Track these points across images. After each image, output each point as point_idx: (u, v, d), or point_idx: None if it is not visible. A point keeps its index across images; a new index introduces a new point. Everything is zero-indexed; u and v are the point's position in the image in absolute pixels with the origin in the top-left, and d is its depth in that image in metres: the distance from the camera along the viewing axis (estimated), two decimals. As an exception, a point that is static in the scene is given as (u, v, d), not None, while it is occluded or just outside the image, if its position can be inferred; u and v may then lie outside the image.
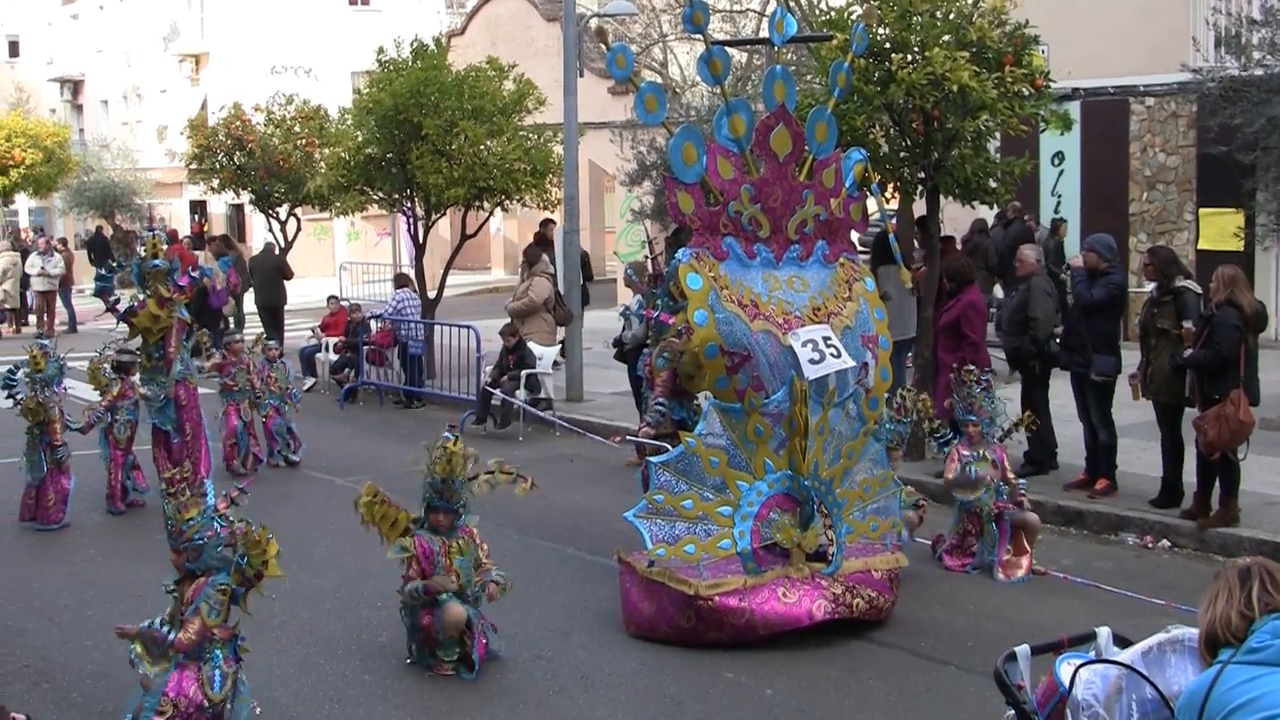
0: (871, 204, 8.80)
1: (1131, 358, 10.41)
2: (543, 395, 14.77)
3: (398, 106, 16.67)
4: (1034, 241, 16.69)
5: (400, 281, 18.09)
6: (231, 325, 19.30)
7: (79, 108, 48.84)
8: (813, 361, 7.40)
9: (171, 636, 5.74)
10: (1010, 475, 9.11)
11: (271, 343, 13.38)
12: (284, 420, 12.68)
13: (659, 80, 24.79)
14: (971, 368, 9.19)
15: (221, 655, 5.80)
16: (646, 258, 10.00)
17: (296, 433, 12.76)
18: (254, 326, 21.62)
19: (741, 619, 7.21)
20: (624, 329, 13.21)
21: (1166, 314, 9.74)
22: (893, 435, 8.31)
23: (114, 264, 11.70)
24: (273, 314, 20.40)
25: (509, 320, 15.40)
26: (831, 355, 7.50)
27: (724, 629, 7.22)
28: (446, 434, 7.11)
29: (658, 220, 20.97)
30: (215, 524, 5.74)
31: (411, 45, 17.59)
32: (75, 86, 48.93)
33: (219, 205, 36.64)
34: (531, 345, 14.92)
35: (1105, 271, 10.41)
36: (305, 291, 27.94)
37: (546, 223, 18.02)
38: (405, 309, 17.05)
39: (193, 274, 10.83)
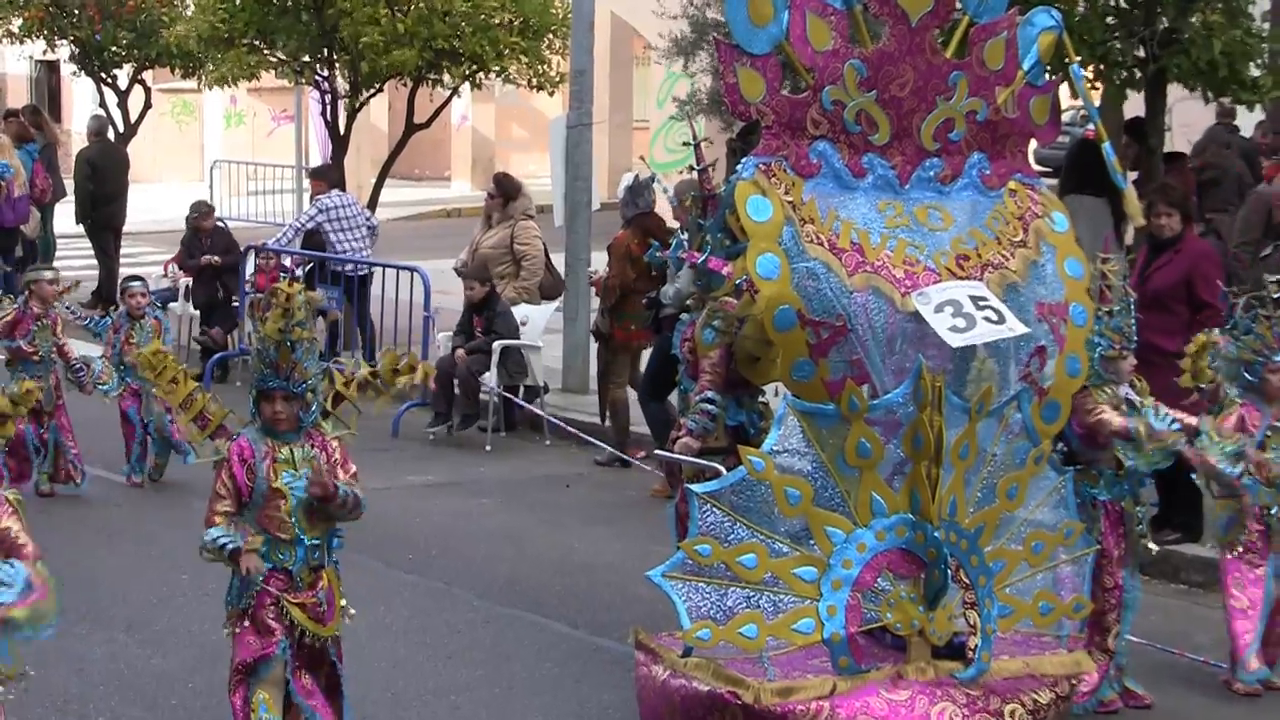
0: (1065, 97, 8.71)
1: None
2: (528, 382, 14.84)
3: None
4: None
5: (321, 177, 17.40)
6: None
7: None
8: (956, 330, 7.37)
9: None
10: None
11: (136, 284, 12.70)
12: (155, 413, 12.06)
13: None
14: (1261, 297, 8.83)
15: None
16: (693, 169, 9.98)
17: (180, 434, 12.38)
18: (71, 254, 21.66)
19: (813, 721, 7.23)
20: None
21: None
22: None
23: None
24: (109, 237, 20.28)
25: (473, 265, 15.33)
26: (987, 320, 7.46)
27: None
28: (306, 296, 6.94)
29: (716, 115, 20.98)
30: None
31: None
32: None
33: (18, 63, 36.82)
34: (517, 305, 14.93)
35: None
36: (154, 204, 28.10)
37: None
38: (342, 217, 16.53)
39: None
